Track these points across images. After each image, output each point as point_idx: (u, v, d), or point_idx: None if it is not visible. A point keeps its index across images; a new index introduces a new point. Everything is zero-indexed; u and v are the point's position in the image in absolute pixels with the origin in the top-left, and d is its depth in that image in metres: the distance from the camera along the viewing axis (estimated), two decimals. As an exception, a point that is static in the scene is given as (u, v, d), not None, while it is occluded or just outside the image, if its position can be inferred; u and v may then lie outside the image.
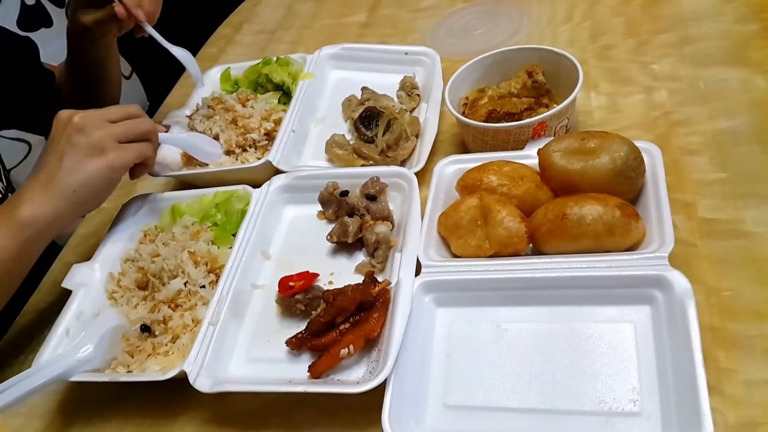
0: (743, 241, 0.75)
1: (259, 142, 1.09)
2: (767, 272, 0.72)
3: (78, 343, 0.80)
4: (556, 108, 0.87)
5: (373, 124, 1.02)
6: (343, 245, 0.89)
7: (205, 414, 0.79)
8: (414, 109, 1.10)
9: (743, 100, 0.92)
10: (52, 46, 1.41)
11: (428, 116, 1.03)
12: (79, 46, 1.15)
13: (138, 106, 0.93)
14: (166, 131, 1.13)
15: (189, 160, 1.10)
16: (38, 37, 1.38)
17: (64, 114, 0.86)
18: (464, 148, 1.00)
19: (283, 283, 0.82)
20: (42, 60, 1.26)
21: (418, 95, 1.11)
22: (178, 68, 1.50)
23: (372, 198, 0.89)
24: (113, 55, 1.22)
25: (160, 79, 1.54)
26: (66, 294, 0.91)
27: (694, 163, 0.86)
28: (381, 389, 0.67)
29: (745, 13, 1.06)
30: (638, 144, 0.78)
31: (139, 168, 0.94)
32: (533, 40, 1.18)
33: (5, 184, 1.17)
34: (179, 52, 1.15)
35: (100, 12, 1.07)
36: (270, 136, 1.09)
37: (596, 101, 1.01)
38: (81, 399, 0.86)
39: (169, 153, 1.10)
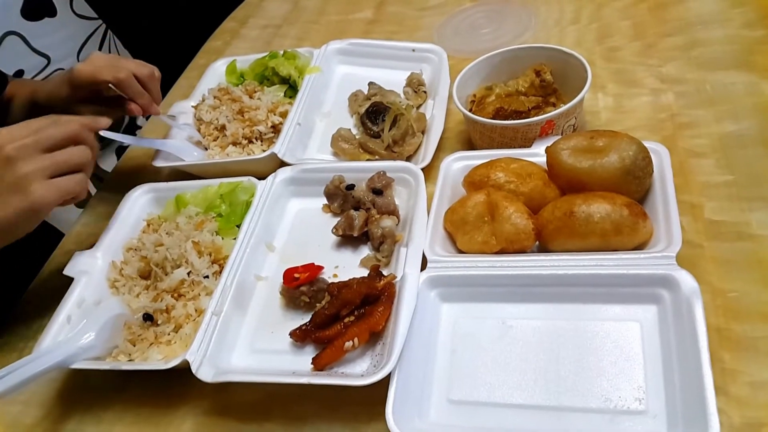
0: (749, 243, 0.76)
1: (265, 134, 1.09)
2: (773, 275, 0.72)
3: (79, 331, 0.80)
4: (565, 106, 0.87)
5: (379, 119, 1.02)
6: (348, 239, 0.89)
7: (206, 405, 0.78)
8: (420, 105, 1.10)
9: (749, 104, 0.92)
10: (55, 36, 1.40)
11: (435, 113, 1.03)
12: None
13: (81, 129, 0.82)
14: (174, 120, 1.13)
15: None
16: (42, 26, 1.38)
17: None
18: (470, 146, 1.00)
19: (288, 275, 0.82)
20: (43, 50, 1.23)
21: (425, 92, 1.11)
22: (181, 62, 1.49)
23: (378, 192, 0.89)
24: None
25: (162, 73, 1.54)
26: (67, 283, 0.90)
27: (700, 165, 0.86)
28: (385, 383, 0.67)
29: (752, 19, 1.06)
30: (646, 144, 0.78)
31: (68, 201, 0.82)
32: (540, 40, 1.18)
33: None
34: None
35: (96, 107, 1.00)
36: (277, 129, 1.08)
37: (603, 102, 1.01)
38: (80, 387, 0.85)
39: (181, 144, 1.09)
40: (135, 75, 0.98)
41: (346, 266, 0.87)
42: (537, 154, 0.85)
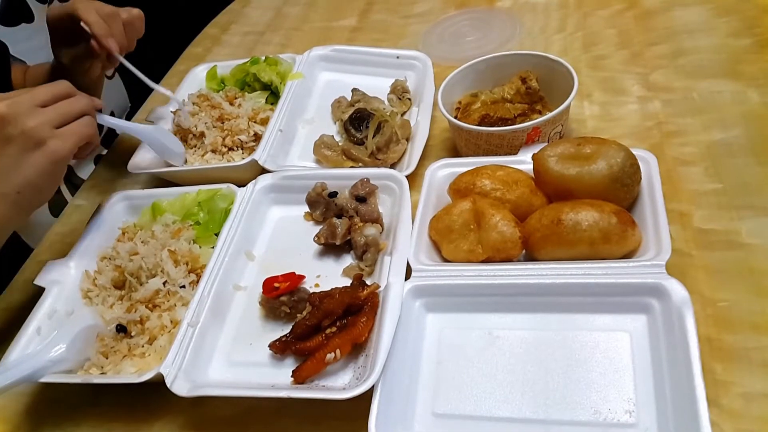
0: (739, 252, 0.74)
1: (246, 143, 1.06)
2: (764, 284, 0.71)
3: (50, 343, 0.76)
4: (552, 113, 0.86)
5: (363, 126, 1.00)
6: (330, 247, 0.87)
7: (182, 420, 0.75)
8: (405, 112, 1.08)
9: (737, 112, 0.91)
10: (33, 41, 1.37)
11: (419, 120, 1.02)
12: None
13: (67, 83, 0.81)
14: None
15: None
16: (19, 32, 1.35)
17: None
18: (455, 153, 0.99)
19: (268, 284, 0.79)
20: (19, 56, 1.21)
21: (409, 99, 1.10)
22: (161, 68, 1.46)
23: (361, 200, 0.87)
24: (98, 91, 1.15)
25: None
26: (38, 293, 0.87)
27: (688, 173, 0.85)
28: (368, 396, 0.65)
29: (738, 28, 1.06)
30: (634, 152, 0.77)
31: (84, 148, 0.82)
32: (525, 48, 1.17)
33: None
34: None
35: (75, 49, 1.00)
36: (258, 138, 1.06)
37: (589, 110, 1.00)
38: (50, 401, 0.81)
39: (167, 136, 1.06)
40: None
41: (328, 275, 0.84)
42: (523, 161, 0.84)
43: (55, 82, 0.81)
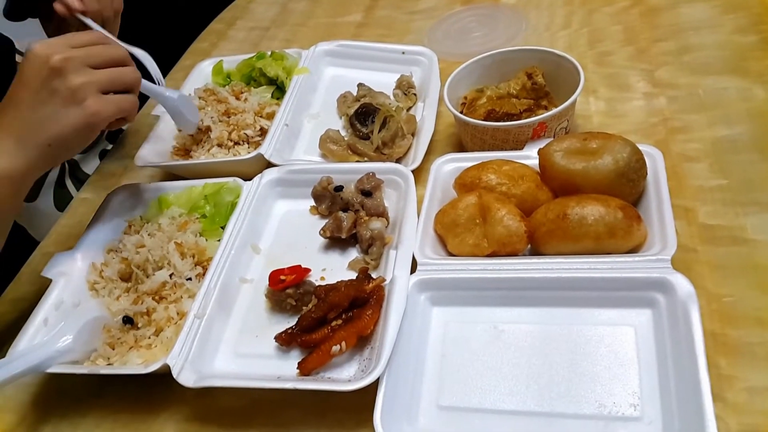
0: (744, 248, 0.74)
1: (252, 138, 1.06)
2: (768, 280, 0.71)
3: (56, 333, 0.77)
4: (558, 108, 0.86)
5: (368, 121, 1.00)
6: (336, 241, 0.87)
7: (187, 411, 0.76)
8: (410, 108, 1.08)
9: (742, 109, 0.91)
10: (38, 37, 1.38)
11: (425, 115, 1.02)
12: None
13: (125, 52, 0.82)
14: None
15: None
16: (25, 26, 1.35)
17: (40, 50, 0.74)
18: (461, 149, 0.99)
19: (274, 277, 0.79)
20: (23, 50, 1.21)
21: (415, 94, 1.10)
22: (167, 64, 1.46)
23: (367, 194, 0.87)
24: None
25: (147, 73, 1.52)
26: (45, 285, 0.87)
27: (693, 169, 0.85)
28: (373, 388, 0.65)
29: (744, 25, 1.06)
30: (640, 147, 0.77)
31: (119, 121, 0.83)
32: (531, 44, 1.15)
33: None
34: (139, 52, 1.05)
35: (53, 22, 1.00)
36: (264, 133, 1.06)
37: (595, 106, 1.00)
38: (57, 392, 0.82)
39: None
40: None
41: (333, 269, 0.85)
42: (529, 156, 0.84)
43: (113, 45, 0.81)
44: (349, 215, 0.86)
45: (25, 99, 0.74)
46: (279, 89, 1.16)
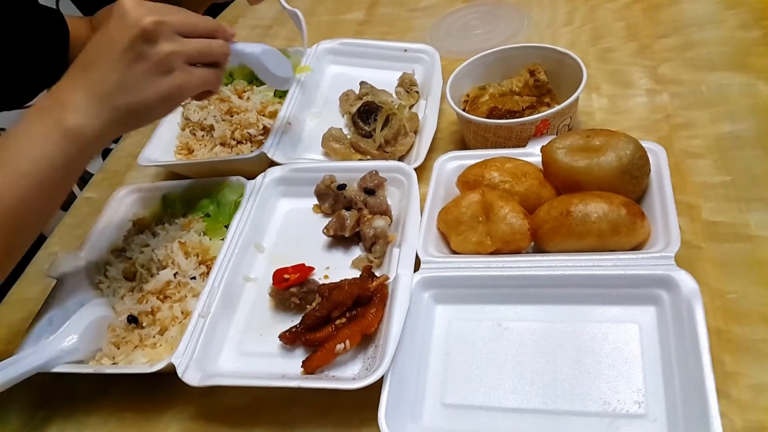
0: (747, 244, 0.74)
1: (255, 136, 1.07)
2: (773, 276, 0.71)
3: (61, 333, 0.77)
4: (561, 105, 0.86)
5: (371, 119, 1.00)
6: (339, 239, 0.87)
7: (192, 409, 0.76)
8: (413, 106, 1.08)
9: (745, 105, 0.91)
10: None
11: (427, 113, 1.02)
12: None
13: (217, 23, 0.80)
14: None
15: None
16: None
17: (131, 8, 0.71)
18: (463, 146, 0.99)
19: (278, 276, 0.80)
20: None
21: (417, 92, 1.10)
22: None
23: (370, 192, 0.87)
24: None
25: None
26: (50, 285, 0.88)
27: (696, 166, 0.85)
28: (377, 386, 0.65)
29: (747, 20, 1.05)
30: (643, 144, 0.77)
31: (203, 94, 0.83)
32: (533, 41, 1.16)
33: None
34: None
35: None
36: (267, 131, 1.06)
37: (598, 103, 1.00)
38: (62, 392, 0.82)
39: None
40: None
41: (337, 267, 0.85)
42: (532, 153, 0.84)
43: (206, 17, 0.80)
44: (352, 213, 0.86)
45: (109, 59, 0.71)
46: (281, 87, 1.16)
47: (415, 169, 0.90)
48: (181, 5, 0.81)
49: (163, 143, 1.09)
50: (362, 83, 1.11)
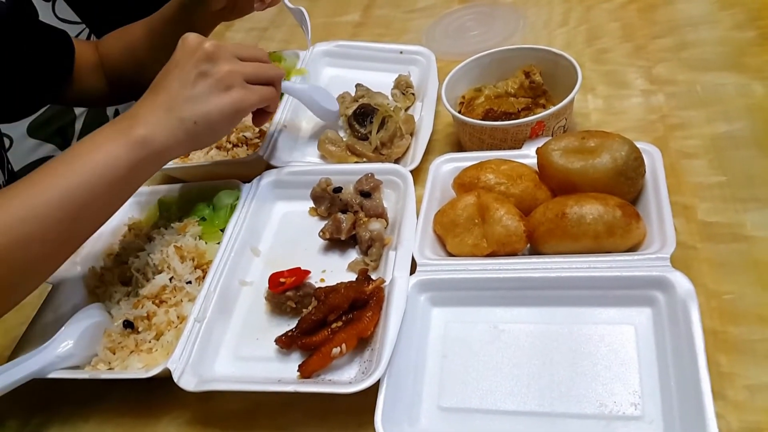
0: (743, 244, 0.74)
1: (251, 140, 1.06)
2: (769, 276, 0.71)
3: (57, 339, 0.77)
4: (556, 107, 0.86)
5: (367, 121, 1.00)
6: (335, 242, 0.87)
7: (189, 415, 0.76)
8: (408, 107, 1.08)
9: (741, 105, 0.91)
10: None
11: (423, 115, 1.02)
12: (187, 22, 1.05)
13: (265, 52, 0.88)
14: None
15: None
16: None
17: (192, 38, 0.80)
18: (459, 148, 0.99)
19: (274, 279, 0.79)
20: None
21: (413, 94, 1.09)
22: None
23: (366, 195, 0.87)
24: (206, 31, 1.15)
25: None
26: (45, 290, 0.87)
27: (692, 166, 0.85)
28: (374, 390, 0.65)
29: (742, 21, 1.05)
30: (638, 145, 0.77)
31: (263, 115, 0.90)
32: (528, 42, 1.16)
33: (5, 178, 1.12)
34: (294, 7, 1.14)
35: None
36: (263, 135, 1.06)
37: (593, 104, 1.00)
38: (58, 397, 0.82)
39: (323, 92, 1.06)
40: None
41: (333, 270, 0.84)
42: (527, 155, 0.84)
43: (255, 46, 0.90)
44: (348, 216, 0.86)
45: (176, 79, 0.79)
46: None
47: (411, 172, 0.90)
48: (193, 27, 0.91)
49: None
50: (358, 85, 1.11)
